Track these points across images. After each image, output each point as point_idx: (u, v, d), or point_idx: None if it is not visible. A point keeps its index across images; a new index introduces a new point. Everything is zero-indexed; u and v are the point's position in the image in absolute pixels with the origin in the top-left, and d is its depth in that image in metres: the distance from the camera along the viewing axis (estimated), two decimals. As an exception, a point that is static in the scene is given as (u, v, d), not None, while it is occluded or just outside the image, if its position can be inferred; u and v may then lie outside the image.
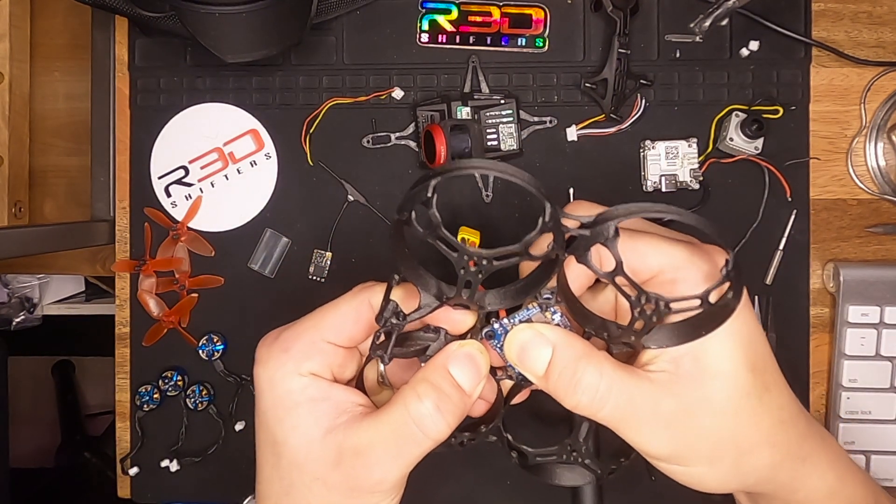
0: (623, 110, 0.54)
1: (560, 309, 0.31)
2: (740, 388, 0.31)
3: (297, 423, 0.31)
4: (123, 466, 0.57)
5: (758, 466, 0.32)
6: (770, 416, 0.32)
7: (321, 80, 0.55)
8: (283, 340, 0.33)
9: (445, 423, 0.30)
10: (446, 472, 0.55)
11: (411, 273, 0.31)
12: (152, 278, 0.56)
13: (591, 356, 0.30)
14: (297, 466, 0.31)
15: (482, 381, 0.32)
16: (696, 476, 0.32)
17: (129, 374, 0.57)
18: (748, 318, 0.31)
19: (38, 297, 1.00)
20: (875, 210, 0.55)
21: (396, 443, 0.30)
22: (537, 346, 0.30)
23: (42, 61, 0.64)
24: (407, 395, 0.31)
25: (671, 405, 0.30)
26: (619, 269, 0.27)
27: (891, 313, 0.53)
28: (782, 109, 0.53)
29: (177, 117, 0.56)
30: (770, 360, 0.32)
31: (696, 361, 0.30)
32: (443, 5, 0.55)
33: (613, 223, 0.27)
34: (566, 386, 0.30)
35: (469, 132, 0.51)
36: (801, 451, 0.33)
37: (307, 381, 0.32)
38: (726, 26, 0.54)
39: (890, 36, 0.55)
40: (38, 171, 0.65)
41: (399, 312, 0.31)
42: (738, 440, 0.31)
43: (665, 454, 0.31)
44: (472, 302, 0.31)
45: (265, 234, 0.56)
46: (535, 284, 0.31)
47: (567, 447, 0.34)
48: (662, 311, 0.28)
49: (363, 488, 0.31)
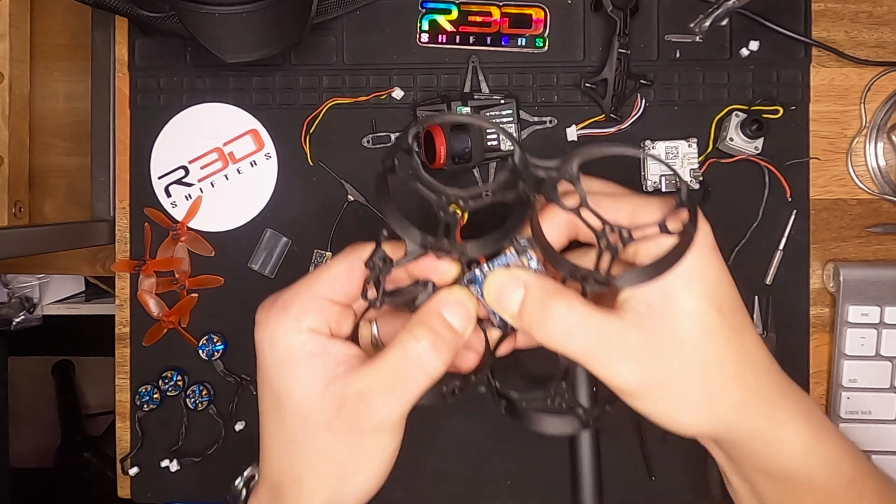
0: (623, 110, 0.54)
1: (535, 254, 0.34)
2: (706, 326, 0.32)
3: (298, 377, 0.33)
4: (123, 466, 0.57)
5: (728, 406, 0.33)
6: (738, 356, 0.33)
7: (321, 80, 0.55)
8: (281, 301, 0.34)
9: (441, 360, 0.32)
10: (446, 472, 0.55)
11: (396, 223, 0.33)
12: (152, 278, 0.56)
13: (561, 293, 0.32)
14: (300, 417, 0.33)
15: (472, 322, 0.34)
16: (669, 414, 0.33)
17: (129, 374, 0.57)
18: (716, 261, 0.33)
19: (38, 297, 1.00)
20: (875, 210, 0.55)
21: (396, 382, 0.32)
22: (511, 286, 0.33)
23: (42, 61, 0.64)
24: (404, 338, 0.32)
25: (639, 339, 0.31)
26: (584, 203, 0.30)
27: (891, 313, 0.53)
28: (782, 109, 0.53)
29: (177, 117, 0.56)
30: (739, 305, 0.33)
31: (664, 300, 0.32)
32: (443, 5, 0.55)
33: (575, 161, 0.30)
34: (537, 320, 0.32)
35: (469, 132, 0.51)
36: (772, 396, 0.34)
37: (306, 337, 0.33)
38: (726, 26, 0.54)
39: (890, 36, 0.55)
40: (38, 171, 0.65)
41: (386, 258, 0.33)
42: (707, 376, 0.32)
43: (634, 388, 0.32)
44: (453, 248, 0.33)
45: (265, 234, 0.56)
46: (511, 230, 0.33)
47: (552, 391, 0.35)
48: (625, 239, 0.30)
49: (366, 429, 0.32)
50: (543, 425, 0.37)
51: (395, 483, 0.56)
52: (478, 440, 0.55)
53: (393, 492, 0.55)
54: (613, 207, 0.33)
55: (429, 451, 0.55)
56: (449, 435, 0.55)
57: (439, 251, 0.33)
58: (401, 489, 0.55)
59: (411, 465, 0.55)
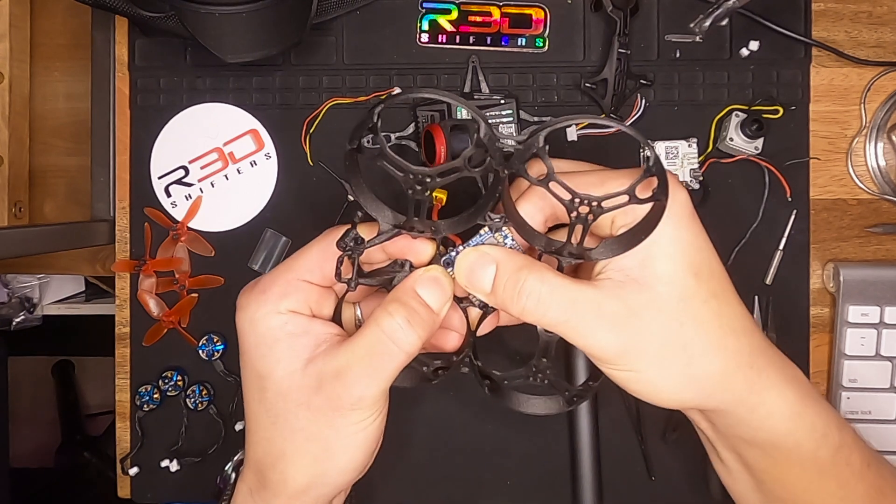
0: (623, 110, 0.54)
1: (510, 231, 0.34)
2: (683, 291, 0.32)
3: (279, 357, 0.33)
4: (123, 466, 0.57)
5: (709, 372, 0.32)
6: (718, 322, 0.32)
7: (321, 80, 0.55)
8: (260, 285, 0.35)
9: (416, 335, 0.32)
10: (446, 472, 0.55)
11: (369, 203, 0.34)
12: (152, 278, 0.56)
13: (533, 266, 0.32)
14: (281, 396, 0.33)
15: (448, 299, 0.34)
16: (650, 383, 0.33)
17: (129, 374, 0.57)
18: (692, 226, 0.32)
19: (38, 297, 1.00)
20: (875, 210, 0.55)
21: (372, 359, 0.32)
22: (482, 265, 0.33)
23: (42, 61, 0.64)
24: (379, 315, 0.33)
25: (615, 306, 0.31)
26: (552, 175, 0.30)
27: (891, 313, 0.53)
28: (782, 109, 0.53)
29: (177, 117, 0.56)
30: (719, 269, 0.33)
31: (641, 268, 0.32)
32: (443, 5, 0.55)
33: (542, 134, 0.30)
34: (511, 295, 0.32)
35: (469, 132, 0.51)
36: (754, 361, 0.33)
37: (286, 318, 0.34)
38: (726, 26, 0.54)
39: (890, 36, 0.55)
40: (38, 171, 0.65)
41: (358, 237, 0.33)
42: (687, 344, 0.32)
43: (612, 354, 0.32)
44: (425, 226, 0.33)
45: (265, 234, 0.56)
46: (483, 207, 0.33)
47: (532, 367, 0.35)
48: (595, 210, 0.30)
49: (344, 406, 0.32)
50: (527, 405, 0.37)
51: (394, 483, 0.56)
52: (478, 440, 0.55)
53: (393, 491, 0.56)
54: (582, 180, 0.33)
55: (428, 451, 0.55)
56: (449, 434, 0.55)
57: (412, 230, 0.33)
58: (401, 489, 0.55)
59: (411, 465, 0.55)
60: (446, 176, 0.31)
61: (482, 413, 0.55)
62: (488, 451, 0.55)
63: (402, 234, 0.33)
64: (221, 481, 0.43)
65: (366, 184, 0.33)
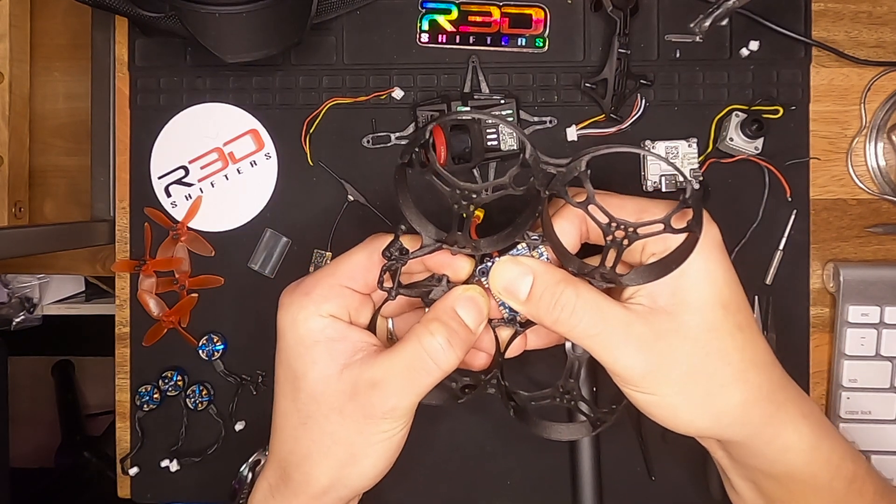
0: (623, 110, 0.54)
1: (546, 250, 0.35)
2: (710, 322, 0.33)
3: (316, 360, 0.34)
4: (123, 466, 0.57)
5: (730, 403, 0.33)
6: (742, 354, 0.33)
7: (321, 80, 0.55)
8: (304, 286, 0.36)
9: (455, 354, 0.34)
10: (446, 472, 0.55)
11: (413, 218, 0.35)
12: (152, 278, 0.56)
13: (569, 280, 0.33)
14: (314, 399, 0.34)
15: (484, 319, 0.35)
16: (670, 408, 0.33)
17: (129, 374, 0.57)
18: (722, 260, 0.34)
19: (38, 297, 1.00)
20: (875, 210, 0.55)
21: (410, 373, 0.33)
22: (519, 274, 0.34)
23: (42, 61, 0.64)
24: (420, 332, 0.34)
25: (643, 329, 0.32)
26: (591, 199, 0.31)
27: (891, 313, 0.53)
28: (782, 109, 0.53)
29: (177, 117, 0.56)
30: (744, 305, 0.34)
31: (671, 296, 0.33)
32: (443, 5, 0.55)
33: (584, 159, 0.31)
34: (546, 306, 0.33)
35: (469, 132, 0.51)
36: (774, 396, 0.34)
37: (326, 322, 0.35)
38: (726, 26, 0.54)
39: (890, 36, 0.55)
40: (38, 171, 0.65)
41: (402, 248, 0.35)
42: (709, 373, 0.33)
43: (635, 375, 0.33)
44: (467, 242, 0.34)
45: (265, 234, 0.56)
46: (522, 225, 0.34)
47: (559, 388, 0.36)
48: (631, 235, 0.31)
49: (376, 415, 0.34)
50: (552, 431, 0.38)
51: (395, 482, 0.56)
52: (478, 440, 0.55)
53: (393, 491, 0.55)
54: (619, 205, 0.34)
55: (428, 451, 0.55)
56: (449, 434, 0.55)
57: (453, 245, 0.34)
58: (401, 489, 0.55)
59: (411, 465, 0.55)
60: (490, 193, 0.33)
61: (482, 413, 0.55)
62: (488, 451, 0.55)
63: (443, 248, 0.35)
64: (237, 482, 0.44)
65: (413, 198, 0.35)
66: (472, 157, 0.52)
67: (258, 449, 0.46)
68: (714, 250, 0.33)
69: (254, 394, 0.56)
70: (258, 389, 0.56)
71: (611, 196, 0.34)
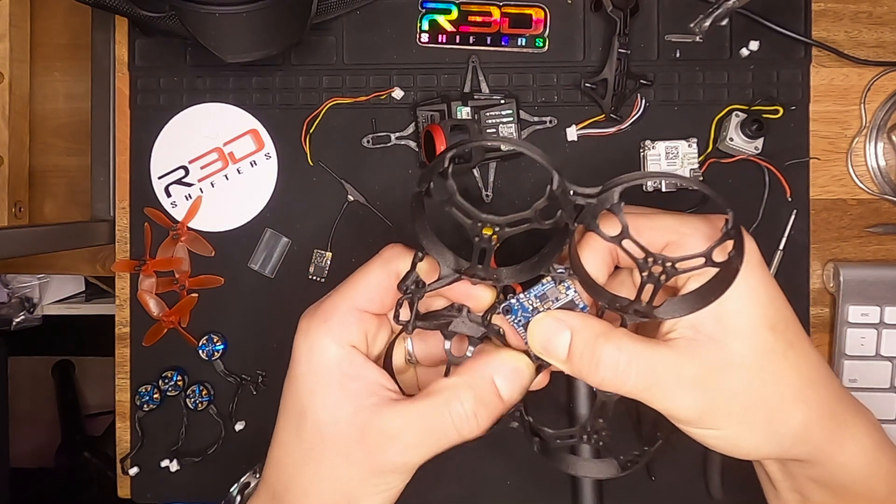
0: (623, 110, 0.54)
1: (573, 283, 0.33)
2: (761, 346, 0.31)
3: (327, 396, 0.33)
4: (123, 466, 0.57)
5: (791, 425, 0.32)
6: (798, 373, 0.32)
7: (321, 80, 0.55)
8: (322, 312, 0.34)
9: (479, 427, 0.32)
10: (447, 472, 0.55)
11: (431, 246, 0.33)
12: (152, 278, 0.56)
13: (609, 334, 0.31)
14: (320, 437, 0.33)
15: (523, 392, 0.33)
16: (731, 439, 0.32)
17: (129, 374, 0.57)
18: (764, 278, 0.32)
19: (38, 297, 1.00)
20: (875, 210, 0.55)
21: (429, 433, 0.32)
22: (556, 331, 0.32)
23: (42, 61, 0.64)
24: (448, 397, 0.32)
25: (693, 368, 0.31)
26: (626, 233, 0.29)
27: (891, 313, 0.53)
28: (782, 109, 0.53)
29: (177, 117, 0.56)
30: (792, 319, 0.32)
31: (716, 324, 0.31)
32: (443, 5, 0.55)
33: (617, 190, 0.29)
34: (588, 365, 0.31)
35: (469, 132, 0.51)
36: (834, 411, 0.33)
37: (343, 355, 0.33)
38: (726, 26, 0.54)
39: (890, 36, 0.55)
40: (38, 171, 0.65)
41: (419, 281, 0.33)
42: (768, 398, 0.31)
43: (693, 416, 0.31)
44: (487, 273, 0.32)
45: (265, 234, 0.56)
46: (548, 258, 0.32)
47: (586, 428, 0.34)
48: (669, 271, 0.29)
49: (384, 469, 0.32)
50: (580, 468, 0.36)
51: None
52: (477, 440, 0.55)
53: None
54: (651, 227, 0.32)
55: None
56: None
57: (473, 276, 0.33)
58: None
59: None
60: (515, 226, 0.31)
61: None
62: (489, 451, 0.55)
63: (462, 279, 0.33)
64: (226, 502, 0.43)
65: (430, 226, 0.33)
66: (472, 157, 0.52)
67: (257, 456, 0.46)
68: (755, 269, 0.31)
69: (254, 394, 0.56)
70: (258, 389, 0.56)
71: (641, 216, 0.32)
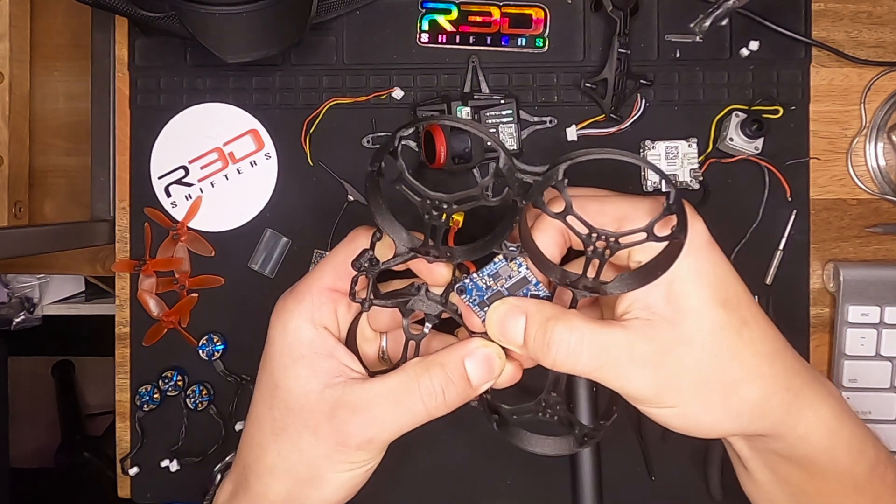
0: (623, 110, 0.54)
1: (525, 261, 0.33)
2: (713, 323, 0.31)
3: (299, 373, 0.34)
4: (123, 466, 0.57)
5: (748, 400, 0.32)
6: (752, 349, 0.32)
7: (321, 80, 0.55)
8: (296, 293, 0.35)
9: (446, 405, 0.33)
10: (446, 472, 0.55)
11: (387, 225, 0.34)
12: (152, 278, 0.56)
13: (561, 316, 0.32)
14: (291, 412, 0.34)
15: (492, 381, 0.34)
16: (689, 417, 0.32)
17: (129, 374, 0.57)
18: (713, 256, 0.32)
19: (38, 297, 1.00)
20: (875, 210, 0.55)
21: (396, 408, 0.33)
22: (512, 317, 0.32)
23: (42, 61, 0.64)
24: (419, 370, 0.33)
25: (646, 346, 0.31)
26: (569, 209, 0.30)
27: (891, 313, 0.53)
28: (782, 109, 0.53)
29: (177, 117, 0.56)
30: (745, 296, 0.33)
31: (667, 304, 0.31)
32: (443, 5, 0.55)
33: (562, 167, 0.30)
34: (541, 346, 0.32)
35: (469, 132, 0.51)
36: (790, 383, 0.33)
37: (315, 334, 0.34)
38: (726, 26, 0.54)
39: (890, 36, 0.55)
40: (38, 171, 0.65)
41: (373, 258, 0.34)
42: (722, 374, 0.32)
43: (649, 394, 0.32)
44: (440, 251, 0.33)
45: (265, 234, 0.56)
46: (499, 235, 0.33)
47: (542, 402, 0.35)
48: (612, 245, 0.30)
49: (351, 444, 0.33)
50: (536, 445, 0.36)
51: (395, 483, 0.56)
52: (477, 439, 0.55)
53: (393, 491, 0.55)
54: (599, 211, 0.32)
55: (428, 451, 0.55)
56: (448, 434, 0.55)
57: (427, 254, 0.33)
58: (401, 488, 0.55)
59: (411, 465, 0.55)
60: (463, 203, 0.31)
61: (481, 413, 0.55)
62: (488, 451, 0.55)
63: (417, 257, 0.34)
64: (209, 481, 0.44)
65: (386, 204, 0.34)
66: (472, 157, 0.52)
67: None
68: (702, 249, 0.32)
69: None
70: (258, 389, 0.56)
71: (591, 199, 0.33)
